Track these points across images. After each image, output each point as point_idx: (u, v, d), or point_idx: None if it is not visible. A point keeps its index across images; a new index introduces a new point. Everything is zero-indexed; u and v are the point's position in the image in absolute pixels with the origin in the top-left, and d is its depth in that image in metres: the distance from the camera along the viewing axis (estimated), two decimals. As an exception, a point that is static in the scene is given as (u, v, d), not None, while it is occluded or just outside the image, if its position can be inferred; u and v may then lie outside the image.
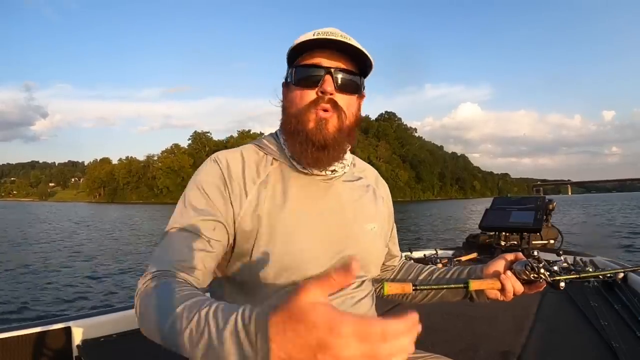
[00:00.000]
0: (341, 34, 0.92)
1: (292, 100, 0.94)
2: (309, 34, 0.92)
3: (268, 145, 0.98)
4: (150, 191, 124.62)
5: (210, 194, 0.88)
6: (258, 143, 1.00)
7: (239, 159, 0.94)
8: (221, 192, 0.89)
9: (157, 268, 0.79)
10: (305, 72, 0.92)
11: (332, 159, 0.93)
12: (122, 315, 1.81)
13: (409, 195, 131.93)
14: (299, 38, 0.93)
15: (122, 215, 45.29)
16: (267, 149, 0.98)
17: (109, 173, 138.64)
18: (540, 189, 38.19)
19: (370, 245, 1.00)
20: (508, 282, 0.92)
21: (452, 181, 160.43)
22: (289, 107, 0.94)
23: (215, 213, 0.87)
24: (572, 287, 2.17)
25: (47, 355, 1.60)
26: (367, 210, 1.02)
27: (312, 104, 0.91)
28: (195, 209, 0.87)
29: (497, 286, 0.93)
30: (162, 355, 1.68)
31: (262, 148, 0.98)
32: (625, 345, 1.49)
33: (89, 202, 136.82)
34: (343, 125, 0.92)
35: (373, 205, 1.06)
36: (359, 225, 0.98)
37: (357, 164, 1.12)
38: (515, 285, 0.93)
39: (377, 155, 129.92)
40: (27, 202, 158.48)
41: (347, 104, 0.93)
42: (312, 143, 0.90)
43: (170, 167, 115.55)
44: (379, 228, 1.04)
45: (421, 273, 1.12)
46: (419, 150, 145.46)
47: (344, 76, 0.92)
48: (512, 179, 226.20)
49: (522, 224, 2.60)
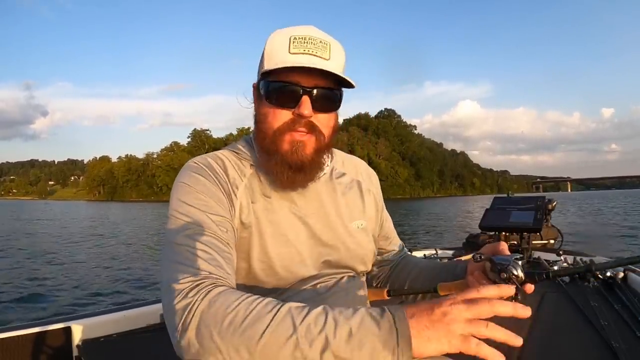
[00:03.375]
0: (320, 39, 0.86)
1: (265, 116, 0.88)
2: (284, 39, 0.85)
3: (243, 151, 0.95)
4: (150, 189, 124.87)
5: (213, 196, 0.84)
6: (233, 148, 0.96)
7: (221, 163, 0.91)
8: (221, 194, 0.86)
9: (197, 278, 0.70)
10: (281, 90, 0.85)
11: (309, 180, 0.91)
12: (122, 315, 1.81)
13: (408, 193, 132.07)
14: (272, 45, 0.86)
15: (122, 213, 45.29)
16: (243, 154, 0.94)
17: (108, 171, 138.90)
18: (540, 186, 38.06)
19: (356, 243, 0.99)
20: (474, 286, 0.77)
21: (452, 178, 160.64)
22: (262, 123, 0.89)
23: (225, 214, 0.84)
24: (572, 287, 2.17)
25: (47, 355, 1.60)
26: (352, 207, 1.01)
27: (287, 125, 0.86)
28: (205, 212, 0.81)
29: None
30: (162, 355, 1.68)
31: (238, 153, 0.95)
32: (625, 345, 1.49)
33: (88, 200, 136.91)
34: (321, 145, 0.89)
35: (359, 201, 1.04)
36: (343, 224, 0.97)
37: (340, 160, 1.08)
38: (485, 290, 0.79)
39: (377, 152, 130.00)
40: (27, 201, 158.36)
41: (326, 123, 0.89)
42: (289, 165, 0.86)
43: (170, 164, 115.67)
44: (367, 224, 1.03)
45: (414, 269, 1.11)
46: (419, 147, 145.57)
47: (323, 94, 0.86)
48: (512, 176, 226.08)
49: (522, 223, 2.60)
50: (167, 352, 1.62)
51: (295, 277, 0.90)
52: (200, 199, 0.83)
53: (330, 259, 0.95)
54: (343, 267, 0.97)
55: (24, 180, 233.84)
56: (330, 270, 0.95)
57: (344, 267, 0.97)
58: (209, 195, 0.84)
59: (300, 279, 0.90)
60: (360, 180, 1.08)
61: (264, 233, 0.88)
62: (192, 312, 0.65)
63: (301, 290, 0.91)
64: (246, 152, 0.95)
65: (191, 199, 0.83)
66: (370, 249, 1.04)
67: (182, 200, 0.83)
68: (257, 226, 0.88)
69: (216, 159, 0.91)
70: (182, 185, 0.85)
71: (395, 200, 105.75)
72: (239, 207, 0.87)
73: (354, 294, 0.98)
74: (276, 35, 0.87)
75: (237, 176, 0.90)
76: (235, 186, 0.89)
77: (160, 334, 1.85)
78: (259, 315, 0.62)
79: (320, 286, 0.93)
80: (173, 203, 0.84)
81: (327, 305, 0.63)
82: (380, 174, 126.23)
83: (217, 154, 0.94)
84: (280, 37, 0.86)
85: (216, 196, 0.85)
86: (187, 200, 0.83)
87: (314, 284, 0.92)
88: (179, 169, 0.91)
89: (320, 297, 0.91)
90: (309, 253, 0.92)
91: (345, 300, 0.95)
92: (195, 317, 0.64)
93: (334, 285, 0.95)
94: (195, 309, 0.65)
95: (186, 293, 0.67)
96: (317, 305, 0.64)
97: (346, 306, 0.86)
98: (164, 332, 2.01)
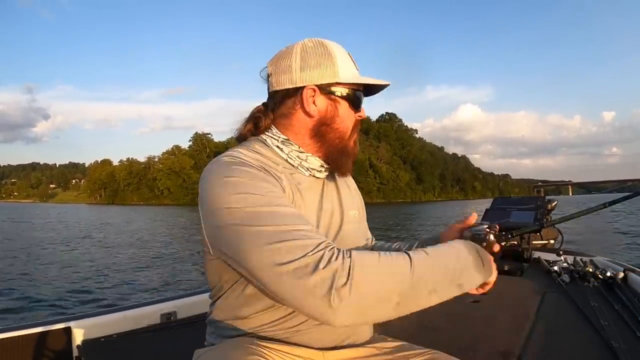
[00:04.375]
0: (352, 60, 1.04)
1: (342, 117, 1.00)
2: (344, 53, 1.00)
3: (262, 151, 0.96)
4: (151, 192, 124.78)
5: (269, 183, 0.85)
6: (250, 148, 0.96)
7: (254, 156, 0.92)
8: (274, 181, 0.87)
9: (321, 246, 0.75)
10: (358, 97, 1.02)
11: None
12: (123, 315, 1.81)
13: (409, 197, 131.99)
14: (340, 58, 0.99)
15: (122, 216, 45.31)
16: (262, 154, 0.96)
17: (109, 174, 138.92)
18: (541, 189, 38.08)
19: (355, 230, 1.08)
20: None
21: (453, 182, 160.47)
22: (335, 122, 1.00)
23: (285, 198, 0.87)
24: (572, 287, 2.17)
25: (48, 356, 1.60)
26: (348, 198, 1.10)
27: (355, 126, 1.03)
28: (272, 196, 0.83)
29: None
30: (162, 355, 1.69)
31: (258, 153, 0.95)
32: (625, 345, 1.49)
33: (89, 203, 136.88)
34: None
35: (349, 194, 1.13)
36: (345, 214, 1.05)
37: None
38: None
39: (378, 156, 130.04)
40: (28, 204, 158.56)
41: None
42: (352, 157, 1.05)
43: (171, 168, 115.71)
44: (359, 214, 1.12)
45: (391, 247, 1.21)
46: (420, 151, 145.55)
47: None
48: (513, 180, 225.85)
49: (522, 224, 2.60)
50: (167, 352, 1.63)
51: None
52: (258, 186, 0.83)
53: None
54: None
55: (25, 183, 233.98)
56: None
57: None
58: (262, 179, 0.85)
59: None
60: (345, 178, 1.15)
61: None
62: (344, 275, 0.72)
63: None
64: (264, 151, 0.96)
65: (249, 188, 0.82)
66: (364, 236, 1.15)
67: (242, 191, 0.81)
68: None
69: (243, 154, 0.91)
70: (231, 180, 0.83)
71: (396, 204, 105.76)
72: (290, 192, 0.92)
73: None
74: (337, 48, 1.00)
75: (272, 168, 0.92)
76: (277, 175, 0.90)
77: (161, 334, 1.86)
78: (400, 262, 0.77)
79: None
80: (232, 197, 0.81)
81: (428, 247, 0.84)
82: (382, 177, 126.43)
83: (241, 151, 0.92)
84: (341, 50, 1.01)
85: (268, 181, 0.86)
86: (247, 190, 0.82)
87: None
88: (180, 173, 0.92)
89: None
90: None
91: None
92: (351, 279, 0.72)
93: None
94: (344, 271, 0.72)
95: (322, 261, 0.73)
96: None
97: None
98: (164, 332, 2.01)
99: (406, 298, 0.76)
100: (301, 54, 0.97)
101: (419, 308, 0.79)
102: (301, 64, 0.96)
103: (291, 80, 0.97)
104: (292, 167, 0.98)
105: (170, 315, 1.91)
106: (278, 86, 0.98)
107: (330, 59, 0.97)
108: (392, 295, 0.75)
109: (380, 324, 1.24)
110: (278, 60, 0.99)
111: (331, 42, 1.00)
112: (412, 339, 1.11)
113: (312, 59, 0.96)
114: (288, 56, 0.98)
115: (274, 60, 1.00)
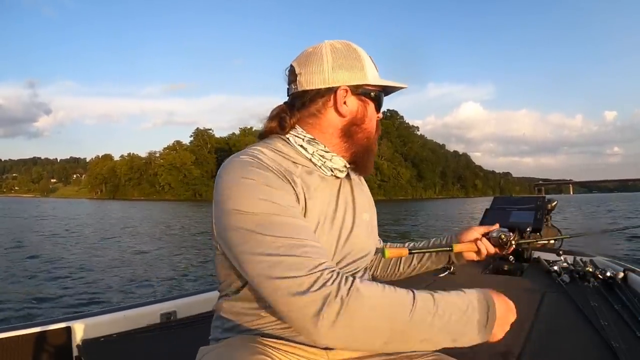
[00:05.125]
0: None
1: (370, 117, 1.03)
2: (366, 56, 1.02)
3: (284, 150, 0.97)
4: (152, 188, 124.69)
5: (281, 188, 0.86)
6: (271, 146, 0.97)
7: (271, 157, 0.92)
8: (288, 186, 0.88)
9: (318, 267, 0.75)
10: (380, 99, 1.05)
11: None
12: (123, 315, 1.81)
13: (410, 194, 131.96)
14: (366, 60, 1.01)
15: (123, 211, 45.32)
16: (284, 153, 0.96)
17: (110, 169, 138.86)
18: (542, 188, 38.23)
19: (367, 234, 1.08)
20: (482, 245, 1.18)
21: (454, 180, 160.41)
22: (364, 122, 1.02)
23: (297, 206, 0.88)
24: (572, 287, 2.17)
25: (47, 356, 1.60)
26: (362, 201, 1.10)
27: (377, 125, 1.07)
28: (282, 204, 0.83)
29: (474, 249, 1.19)
30: (162, 355, 1.69)
31: (279, 151, 0.96)
32: (625, 345, 1.48)
33: (90, 198, 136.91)
34: None
35: (365, 195, 1.14)
36: (359, 216, 1.05)
37: None
38: (489, 248, 1.19)
39: (379, 153, 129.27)
40: (29, 198, 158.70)
41: None
42: (374, 156, 1.07)
43: (172, 163, 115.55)
44: (371, 216, 1.12)
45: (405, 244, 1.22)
46: (421, 148, 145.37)
47: None
48: (514, 178, 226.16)
49: (522, 223, 2.60)
50: (167, 352, 1.63)
51: None
52: (273, 193, 0.83)
53: (351, 250, 1.01)
54: (359, 257, 1.04)
55: (26, 177, 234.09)
56: (350, 261, 1.01)
57: (359, 257, 1.04)
58: (281, 189, 0.86)
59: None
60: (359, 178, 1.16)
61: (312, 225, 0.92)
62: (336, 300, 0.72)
63: None
64: (285, 150, 0.97)
65: (263, 194, 0.83)
66: (376, 239, 1.18)
67: (256, 196, 0.82)
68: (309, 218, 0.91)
69: (262, 154, 0.92)
70: (246, 181, 0.84)
71: (397, 201, 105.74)
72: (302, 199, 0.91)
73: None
74: (362, 52, 1.02)
75: (289, 171, 0.92)
76: (293, 180, 0.90)
77: (161, 334, 1.86)
78: (402, 301, 0.75)
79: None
80: (244, 201, 0.82)
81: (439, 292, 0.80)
82: (383, 174, 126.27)
83: (260, 149, 0.93)
84: (365, 54, 1.03)
85: (287, 189, 0.87)
86: (259, 195, 0.82)
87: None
88: (181, 168, 0.92)
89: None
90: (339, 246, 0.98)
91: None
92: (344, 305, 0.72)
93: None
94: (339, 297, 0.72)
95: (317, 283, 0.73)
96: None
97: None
98: (164, 332, 2.01)
99: (395, 340, 0.75)
100: (332, 54, 0.98)
101: (407, 350, 0.80)
102: (333, 65, 0.97)
103: (324, 81, 0.97)
104: (314, 165, 0.98)
105: (170, 315, 1.91)
106: (308, 86, 0.98)
107: (360, 61, 1.00)
108: (382, 333, 0.74)
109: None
110: (307, 60, 0.99)
111: (355, 44, 1.03)
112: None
113: (343, 60, 0.98)
114: (319, 56, 0.98)
115: (302, 60, 1.00)
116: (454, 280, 2.29)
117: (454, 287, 0.84)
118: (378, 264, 1.30)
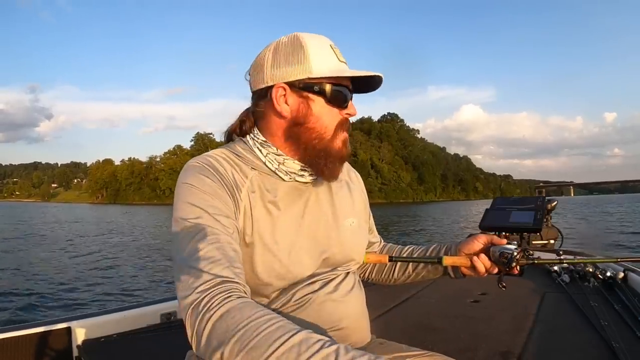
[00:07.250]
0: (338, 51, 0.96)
1: (319, 116, 0.92)
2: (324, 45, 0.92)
3: (243, 153, 0.94)
4: (153, 192, 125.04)
5: (219, 197, 0.85)
6: (232, 150, 0.95)
7: (223, 163, 0.90)
8: (226, 195, 0.86)
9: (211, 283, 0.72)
10: (340, 93, 0.93)
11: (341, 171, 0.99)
12: (123, 315, 1.81)
13: (411, 197, 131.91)
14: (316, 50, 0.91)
15: (124, 216, 45.30)
16: (243, 157, 0.93)
17: (111, 174, 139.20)
18: (543, 190, 38.16)
19: (351, 240, 1.02)
20: (479, 262, 1.01)
21: (455, 182, 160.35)
22: (312, 122, 0.92)
23: (231, 215, 0.84)
24: (572, 287, 2.17)
25: (48, 356, 1.60)
26: (344, 205, 1.04)
27: (340, 124, 0.94)
28: (212, 213, 0.82)
29: (468, 264, 1.03)
30: (162, 355, 1.69)
31: (239, 155, 0.94)
32: (625, 345, 1.48)
33: (91, 203, 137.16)
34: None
35: (349, 199, 1.07)
36: (338, 222, 1.00)
37: None
38: (487, 265, 1.01)
39: (380, 156, 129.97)
40: (29, 203, 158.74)
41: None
42: (340, 159, 0.95)
43: (173, 168, 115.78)
44: (357, 221, 1.06)
45: (401, 252, 1.19)
46: (422, 151, 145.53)
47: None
48: (515, 181, 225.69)
49: (522, 223, 2.60)
50: (167, 352, 1.63)
51: (294, 277, 0.91)
52: (207, 200, 0.83)
53: (328, 257, 0.96)
54: (340, 264, 1.00)
55: (27, 182, 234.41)
56: (328, 268, 0.97)
57: (340, 264, 1.00)
58: (215, 196, 0.84)
59: (300, 279, 0.92)
60: (348, 180, 1.11)
61: (264, 234, 0.88)
62: (205, 320, 0.68)
63: (299, 289, 0.91)
64: (245, 154, 0.94)
65: (197, 200, 0.83)
66: (364, 244, 1.10)
67: (188, 201, 0.83)
68: (258, 228, 0.88)
69: (217, 159, 0.91)
70: (187, 186, 0.85)
71: (397, 204, 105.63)
72: (242, 208, 0.87)
73: (350, 290, 0.99)
74: (313, 40, 0.92)
75: (240, 177, 0.90)
76: (238, 187, 0.88)
77: (161, 334, 1.86)
78: (267, 340, 0.62)
79: (318, 284, 0.94)
80: (179, 205, 0.84)
81: (343, 346, 0.61)
82: (383, 178, 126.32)
83: (217, 153, 0.93)
84: (319, 42, 0.92)
85: (222, 197, 0.85)
86: (193, 201, 0.83)
87: (312, 282, 0.93)
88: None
89: (318, 295, 0.92)
90: (309, 253, 0.93)
91: (343, 298, 0.96)
92: (207, 326, 0.67)
93: (331, 282, 0.96)
94: (208, 318, 0.68)
95: (200, 300, 0.70)
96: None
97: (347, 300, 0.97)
98: (164, 332, 2.01)
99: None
100: (273, 51, 0.92)
101: None
102: (272, 62, 0.91)
103: (263, 80, 0.92)
104: (270, 170, 0.93)
105: (170, 315, 1.91)
106: (254, 87, 0.95)
107: (303, 53, 0.90)
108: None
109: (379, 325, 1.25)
110: (255, 60, 0.95)
111: (309, 35, 0.93)
112: (412, 339, 1.11)
113: (283, 55, 0.91)
114: (262, 55, 0.94)
115: (254, 60, 0.96)
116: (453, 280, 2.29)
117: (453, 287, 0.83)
118: (373, 267, 1.24)
